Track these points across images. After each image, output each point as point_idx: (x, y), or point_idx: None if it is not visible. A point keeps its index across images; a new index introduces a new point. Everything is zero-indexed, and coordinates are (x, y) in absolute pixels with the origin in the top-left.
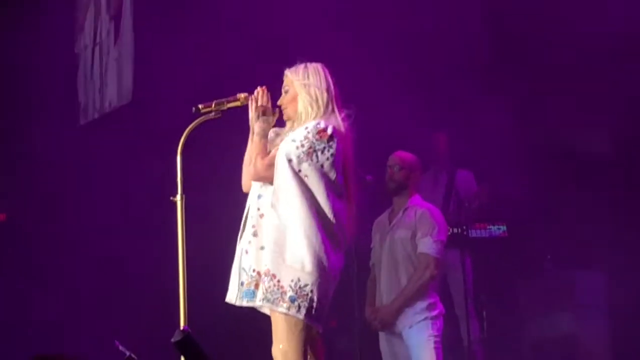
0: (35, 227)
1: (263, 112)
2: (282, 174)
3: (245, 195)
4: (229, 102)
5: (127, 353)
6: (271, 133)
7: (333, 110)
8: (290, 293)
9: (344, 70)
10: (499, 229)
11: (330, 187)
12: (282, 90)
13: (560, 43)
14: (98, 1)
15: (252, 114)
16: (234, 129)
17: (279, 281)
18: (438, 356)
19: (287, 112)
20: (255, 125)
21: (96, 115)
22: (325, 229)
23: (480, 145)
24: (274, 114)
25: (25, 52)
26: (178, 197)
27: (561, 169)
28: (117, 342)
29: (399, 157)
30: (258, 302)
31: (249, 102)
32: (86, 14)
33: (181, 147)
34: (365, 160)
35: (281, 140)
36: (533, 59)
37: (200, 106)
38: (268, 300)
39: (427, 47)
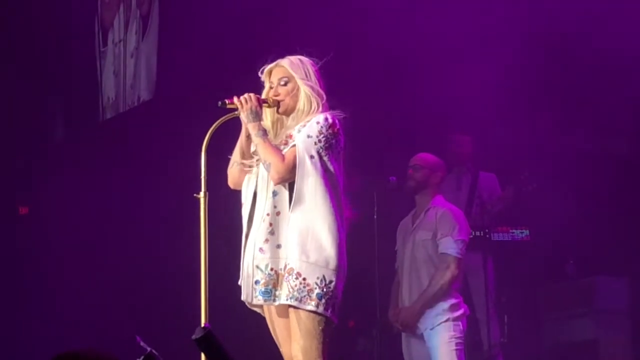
0: (57, 221)
1: (255, 113)
2: (307, 172)
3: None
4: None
5: (148, 349)
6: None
7: (326, 104)
8: (317, 290)
9: (375, 74)
10: (521, 232)
11: (343, 177)
12: (277, 80)
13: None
14: (128, 1)
15: (244, 117)
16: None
17: (304, 279)
18: (459, 358)
19: (285, 103)
20: (251, 126)
21: (127, 109)
22: (341, 217)
23: (505, 149)
24: (270, 106)
25: (49, 47)
26: (201, 194)
27: (584, 174)
28: (138, 338)
29: (420, 157)
30: (284, 301)
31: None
32: (115, 13)
33: (206, 145)
34: (391, 161)
35: (285, 136)
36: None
37: (226, 101)
38: (295, 299)
39: (459, 49)
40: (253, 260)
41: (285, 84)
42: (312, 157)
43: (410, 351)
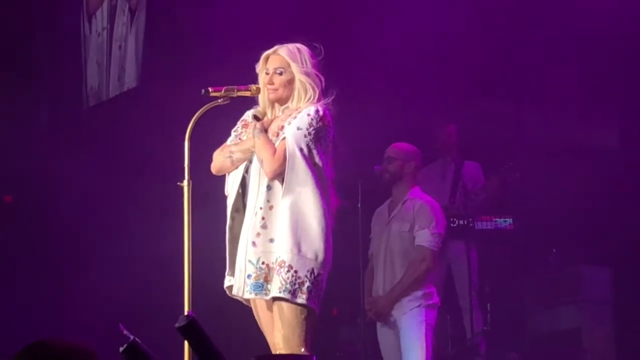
0: (41, 210)
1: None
2: (296, 164)
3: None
4: (239, 90)
5: (131, 337)
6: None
7: (322, 94)
8: (307, 283)
9: (359, 63)
10: (505, 221)
11: (331, 169)
12: (273, 69)
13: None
14: None
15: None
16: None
17: (296, 272)
18: (427, 342)
19: (278, 93)
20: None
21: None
22: (329, 209)
23: (489, 137)
24: (253, 94)
25: (34, 34)
26: (185, 183)
27: (568, 162)
28: (121, 326)
29: (392, 148)
30: (275, 294)
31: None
32: (101, 2)
33: (189, 132)
34: (376, 152)
35: (277, 127)
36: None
37: (210, 89)
38: (288, 292)
39: (436, 44)
40: (246, 255)
41: (281, 74)
42: (301, 149)
43: (385, 339)
